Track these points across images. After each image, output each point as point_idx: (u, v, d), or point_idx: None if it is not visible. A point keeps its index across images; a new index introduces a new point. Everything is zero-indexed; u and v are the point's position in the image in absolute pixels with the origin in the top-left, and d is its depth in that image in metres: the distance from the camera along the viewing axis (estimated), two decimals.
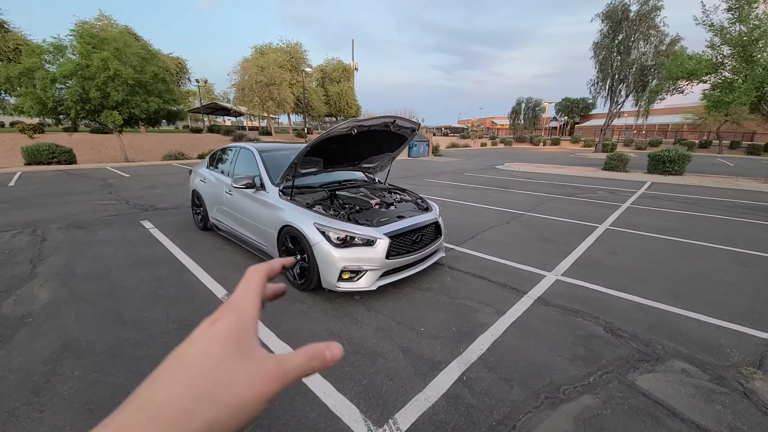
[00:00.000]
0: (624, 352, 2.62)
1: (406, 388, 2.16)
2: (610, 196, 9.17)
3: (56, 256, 4.31)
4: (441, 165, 17.97)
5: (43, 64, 14.38)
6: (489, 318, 3.00)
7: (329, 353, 0.30)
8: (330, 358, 0.30)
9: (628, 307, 3.29)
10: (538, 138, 49.54)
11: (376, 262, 3.11)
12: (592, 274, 3.98)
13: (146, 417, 0.22)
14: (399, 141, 4.15)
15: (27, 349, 2.46)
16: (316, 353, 0.30)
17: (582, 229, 5.81)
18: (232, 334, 0.28)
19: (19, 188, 9.26)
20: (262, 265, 0.36)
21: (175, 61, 32.92)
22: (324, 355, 0.30)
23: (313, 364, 0.29)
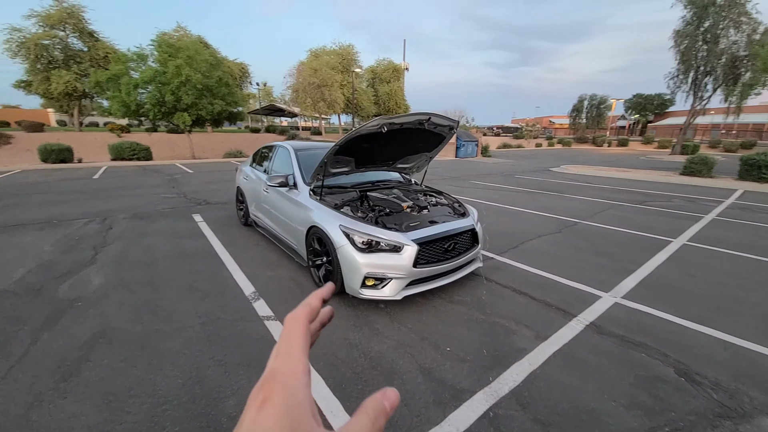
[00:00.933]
0: (700, 403, 2.11)
1: (421, 419, 1.91)
2: (689, 206, 7.92)
3: (116, 244, 4.71)
4: (489, 166, 17.10)
5: (128, 71, 16.25)
6: (527, 343, 2.62)
7: (389, 403, 0.29)
8: (390, 409, 0.29)
9: (709, 344, 2.69)
10: (601, 138, 45.26)
11: (402, 270, 2.89)
12: (662, 299, 3.36)
13: None
14: (436, 140, 3.87)
15: (69, 333, 2.64)
16: (378, 410, 0.28)
17: (651, 243, 5.02)
18: (287, 421, 0.24)
19: (101, 181, 10.50)
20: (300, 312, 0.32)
21: (239, 66, 35.50)
22: (386, 409, 0.28)
23: (379, 423, 0.27)
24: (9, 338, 2.57)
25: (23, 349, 2.45)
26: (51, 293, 3.28)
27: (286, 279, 3.69)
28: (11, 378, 2.16)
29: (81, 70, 22.90)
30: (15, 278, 3.59)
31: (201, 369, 2.29)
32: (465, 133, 24.05)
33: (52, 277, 3.63)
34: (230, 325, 2.81)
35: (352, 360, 2.40)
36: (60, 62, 22.49)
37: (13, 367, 2.26)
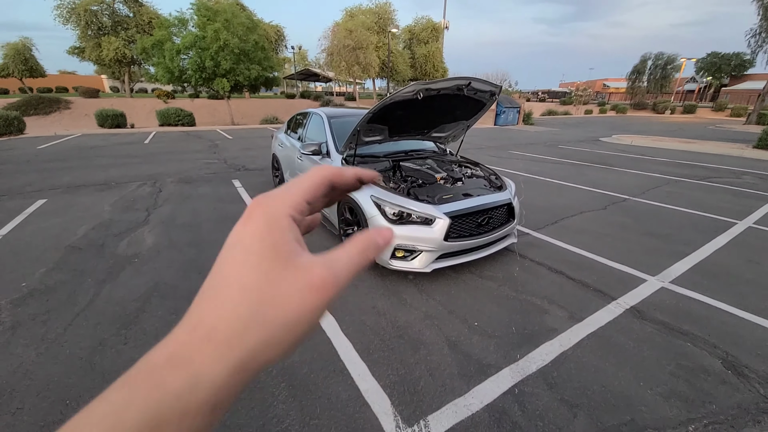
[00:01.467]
0: (745, 397, 1.97)
1: (445, 389, 1.96)
2: (760, 184, 7.03)
3: (165, 207, 5.06)
4: (531, 135, 16.06)
5: (171, 36, 16.62)
6: (560, 323, 2.54)
7: (382, 239, 0.27)
8: (384, 244, 0.27)
9: (766, 338, 2.46)
10: (663, 104, 40.57)
11: (433, 243, 2.85)
12: (717, 286, 3.08)
13: (200, 338, 0.21)
14: (476, 107, 3.64)
15: (128, 286, 2.93)
16: (368, 242, 0.26)
17: (711, 225, 4.56)
18: (268, 238, 0.24)
19: (151, 146, 11.17)
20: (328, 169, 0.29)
21: (275, 28, 35.03)
22: (377, 243, 0.27)
23: (367, 255, 0.26)
24: (75, 288, 2.90)
25: (88, 298, 2.76)
26: (112, 249, 3.63)
27: (318, 245, 3.79)
28: (77, 324, 2.45)
29: (128, 36, 23.75)
30: (79, 234, 4.00)
31: None
32: (506, 99, 22.56)
33: (112, 235, 3.99)
34: None
35: (380, 328, 2.47)
36: (108, 28, 23.41)
37: (79, 315, 2.56)
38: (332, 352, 2.21)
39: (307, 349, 2.23)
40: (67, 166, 7.75)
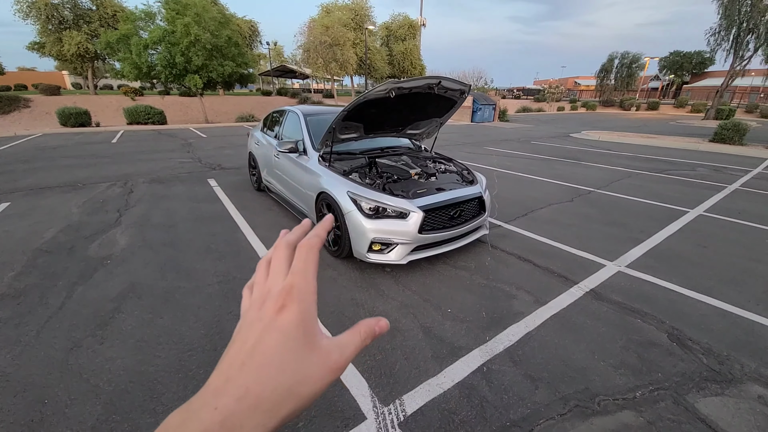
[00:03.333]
0: (689, 367, 2.20)
1: (419, 370, 2.09)
2: (713, 175, 7.60)
3: (138, 207, 4.95)
4: (506, 132, 16.54)
5: (137, 30, 15.93)
6: (526, 307, 2.73)
7: (379, 329, 0.34)
8: (379, 333, 0.34)
9: (708, 313, 2.74)
10: (629, 101, 42.57)
11: (408, 236, 2.98)
12: (668, 268, 3.37)
13: (248, 407, 0.26)
14: (447, 105, 3.79)
15: (101, 287, 2.89)
16: (369, 331, 0.33)
17: (666, 214, 4.93)
18: (301, 327, 0.29)
19: (119, 145, 10.75)
20: (315, 242, 0.35)
21: (248, 24, 34.18)
22: (374, 331, 0.33)
23: (366, 341, 0.33)
24: (47, 292, 2.83)
25: (60, 301, 2.72)
26: (82, 252, 3.54)
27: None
28: (51, 327, 2.41)
29: (91, 31, 22.57)
30: (47, 237, 3.87)
31: (221, 322, 2.51)
32: (482, 96, 23.02)
33: (82, 237, 3.89)
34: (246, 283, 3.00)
35: (358, 318, 2.57)
36: (70, 22, 22.15)
37: (52, 317, 2.52)
38: None
39: None
40: (29, 167, 7.37)
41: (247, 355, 0.28)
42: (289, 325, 0.29)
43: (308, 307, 0.31)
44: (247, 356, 0.28)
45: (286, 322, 0.29)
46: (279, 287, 0.32)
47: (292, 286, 0.31)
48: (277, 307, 0.30)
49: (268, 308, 0.30)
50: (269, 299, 0.31)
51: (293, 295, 0.31)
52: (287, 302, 0.30)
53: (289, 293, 0.31)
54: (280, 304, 0.30)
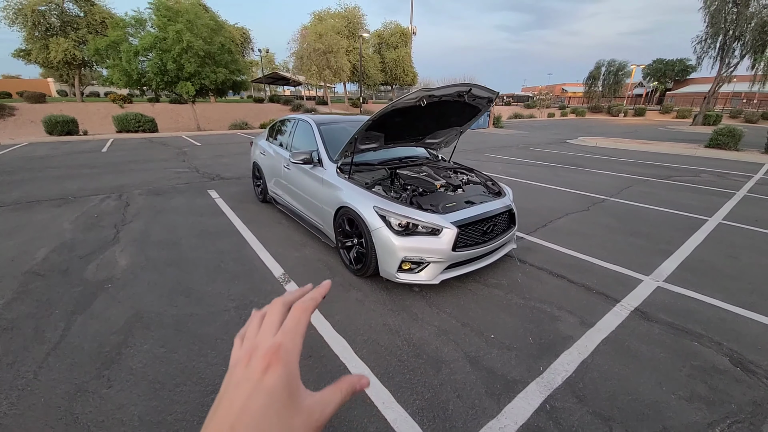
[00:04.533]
0: (758, 394, 2.04)
1: (476, 411, 1.86)
2: (718, 181, 7.61)
3: (136, 222, 4.63)
4: (503, 138, 16.57)
5: (127, 37, 15.54)
6: (573, 330, 2.54)
7: (360, 386, 0.35)
8: (360, 390, 0.35)
9: (761, 332, 2.58)
10: (617, 107, 43.49)
11: (441, 254, 2.77)
12: (707, 282, 3.23)
13: None
14: (471, 113, 3.62)
15: (103, 317, 2.60)
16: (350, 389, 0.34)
17: (686, 223, 4.83)
18: (287, 389, 0.30)
19: (110, 154, 10.34)
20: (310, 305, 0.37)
21: (240, 31, 33.97)
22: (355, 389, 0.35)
23: (346, 398, 0.34)
24: (42, 323, 2.53)
25: (58, 334, 2.41)
26: (79, 274, 3.23)
27: (313, 260, 3.60)
28: (49, 366, 2.12)
29: (78, 37, 22.03)
30: (39, 258, 3.54)
31: None
32: None
33: (77, 257, 3.57)
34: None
35: (395, 347, 2.34)
36: (57, 29, 21.60)
37: (50, 354, 2.22)
38: None
39: (322, 378, 2.06)
40: (15, 179, 6.96)
41: (235, 417, 0.28)
42: (275, 387, 0.30)
43: (292, 368, 0.32)
44: (235, 419, 0.28)
45: (271, 384, 0.30)
46: (267, 345, 0.33)
47: (279, 346, 0.32)
48: (263, 366, 0.31)
49: (254, 367, 0.31)
50: (255, 356, 0.32)
51: (279, 355, 0.32)
52: (273, 362, 0.31)
53: (275, 353, 0.32)
54: (266, 364, 0.31)
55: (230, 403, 0.29)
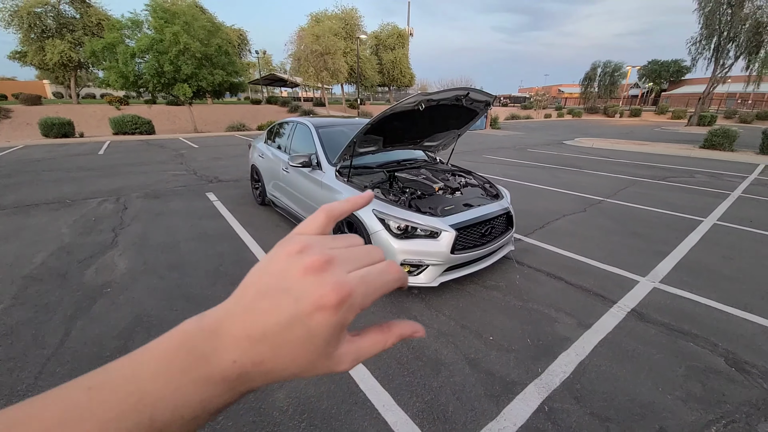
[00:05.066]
0: (753, 394, 2.07)
1: (476, 413, 1.88)
2: (712, 182, 7.69)
3: (134, 225, 4.63)
4: (501, 139, 16.64)
5: (124, 39, 15.50)
6: (571, 331, 2.56)
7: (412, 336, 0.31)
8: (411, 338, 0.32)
9: (756, 332, 2.62)
10: (613, 108, 43.78)
11: (440, 257, 2.79)
12: (702, 283, 3.27)
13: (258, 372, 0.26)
14: (468, 116, 3.65)
15: (103, 321, 2.60)
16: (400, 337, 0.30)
17: (681, 223, 4.88)
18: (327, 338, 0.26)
19: (107, 157, 10.30)
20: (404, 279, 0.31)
21: (237, 33, 33.93)
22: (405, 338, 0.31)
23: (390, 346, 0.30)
24: (41, 327, 2.53)
25: (58, 339, 2.41)
26: (77, 279, 3.23)
27: None
28: (50, 372, 2.12)
29: (75, 39, 21.94)
30: (37, 262, 3.53)
31: None
32: None
33: (76, 261, 3.57)
34: None
35: (394, 350, 2.36)
36: (53, 31, 21.51)
37: (50, 359, 2.22)
38: (350, 382, 2.07)
39: (323, 380, 2.07)
40: (11, 182, 6.92)
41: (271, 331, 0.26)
42: (317, 332, 0.26)
43: (345, 321, 0.27)
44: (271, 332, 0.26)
45: (315, 326, 0.26)
46: (335, 280, 0.27)
47: (348, 295, 0.27)
48: (317, 305, 0.26)
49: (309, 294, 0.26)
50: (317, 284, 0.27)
51: (341, 304, 0.26)
52: (330, 307, 0.26)
53: (338, 300, 0.26)
54: (321, 304, 0.26)
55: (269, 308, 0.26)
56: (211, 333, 0.26)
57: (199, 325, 0.27)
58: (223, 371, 0.25)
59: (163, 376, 0.24)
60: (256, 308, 0.26)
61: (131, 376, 0.24)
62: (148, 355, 0.25)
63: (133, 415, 0.23)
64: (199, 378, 0.25)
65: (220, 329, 0.26)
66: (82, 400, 0.23)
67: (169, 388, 0.24)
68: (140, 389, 0.24)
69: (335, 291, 0.26)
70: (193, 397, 0.25)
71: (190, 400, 0.25)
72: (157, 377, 0.24)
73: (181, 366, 0.25)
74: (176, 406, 0.24)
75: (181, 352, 0.25)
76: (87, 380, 0.24)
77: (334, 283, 0.26)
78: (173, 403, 0.24)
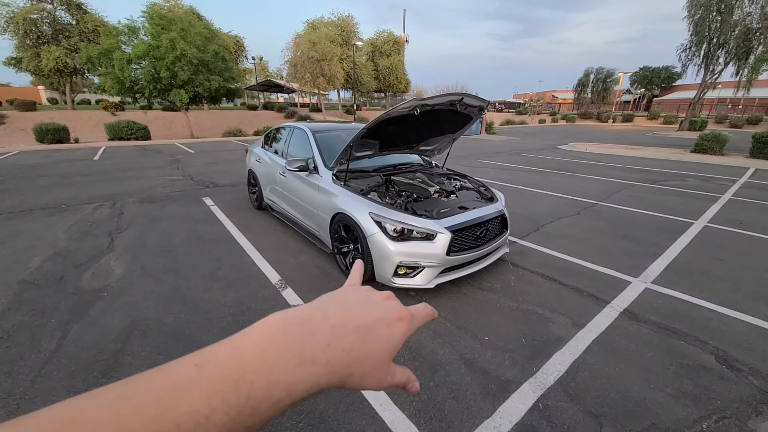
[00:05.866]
0: (743, 391, 2.11)
1: (472, 411, 1.91)
2: (704, 185, 7.82)
3: (131, 230, 4.63)
4: (495, 144, 16.81)
5: (120, 45, 15.53)
6: (565, 331, 2.60)
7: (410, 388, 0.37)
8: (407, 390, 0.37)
9: (744, 331, 2.67)
10: (606, 114, 44.39)
11: (436, 259, 2.83)
12: (693, 283, 3.33)
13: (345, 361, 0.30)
14: (463, 121, 3.71)
15: (100, 325, 2.60)
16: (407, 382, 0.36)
17: (673, 226, 4.96)
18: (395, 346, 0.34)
19: (102, 162, 10.28)
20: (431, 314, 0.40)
21: (234, 39, 34.09)
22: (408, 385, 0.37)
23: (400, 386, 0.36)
24: (38, 331, 2.53)
25: (55, 343, 2.42)
26: (74, 283, 3.22)
27: (310, 266, 3.63)
28: (47, 375, 2.12)
29: (70, 45, 21.94)
30: (33, 267, 3.53)
31: None
32: None
33: (72, 266, 3.56)
34: (263, 315, 2.66)
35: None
36: (49, 37, 21.51)
37: (47, 363, 2.22)
38: None
39: None
40: (6, 188, 6.89)
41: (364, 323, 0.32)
42: (396, 336, 0.34)
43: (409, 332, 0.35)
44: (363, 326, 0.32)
45: (395, 331, 0.34)
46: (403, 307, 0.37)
47: (413, 315, 0.37)
48: (398, 316, 0.35)
49: (393, 309, 0.35)
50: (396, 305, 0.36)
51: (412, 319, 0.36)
52: (405, 319, 0.35)
53: (409, 315, 0.36)
54: (400, 316, 0.35)
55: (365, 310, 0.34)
56: (304, 320, 0.31)
57: (290, 313, 0.31)
58: (315, 353, 0.28)
59: (260, 356, 0.27)
60: (351, 308, 0.34)
61: (233, 356, 0.27)
62: (248, 339, 0.29)
63: (234, 390, 0.25)
64: (292, 359, 0.28)
65: (312, 318, 0.31)
66: (191, 373, 0.26)
67: (265, 367, 0.27)
68: (241, 367, 0.26)
69: (408, 310, 0.37)
70: (284, 377, 0.27)
71: (280, 380, 0.27)
72: (255, 357, 0.27)
73: (276, 347, 0.28)
74: (268, 386, 0.26)
75: (277, 336, 0.29)
76: (194, 358, 0.27)
77: (406, 307, 0.37)
78: (266, 382, 0.26)
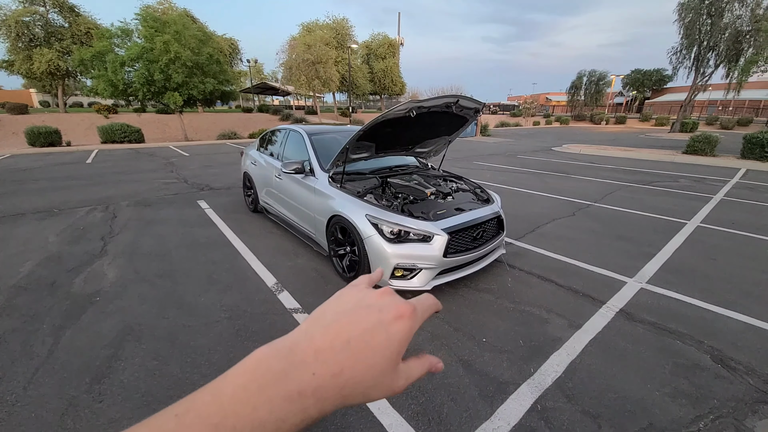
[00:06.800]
0: (739, 389, 2.13)
1: (470, 414, 1.90)
2: (696, 186, 7.92)
3: (124, 234, 4.57)
4: (490, 146, 16.90)
5: (113, 47, 15.42)
6: (562, 332, 2.61)
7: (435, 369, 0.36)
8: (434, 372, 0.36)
9: (739, 330, 2.70)
10: (599, 116, 44.86)
11: (433, 261, 2.82)
12: (687, 283, 3.36)
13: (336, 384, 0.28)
14: (459, 123, 3.73)
15: (92, 331, 2.56)
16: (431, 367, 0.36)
17: (666, 226, 5.01)
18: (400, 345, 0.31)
19: (95, 165, 10.17)
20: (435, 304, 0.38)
21: (228, 42, 34.00)
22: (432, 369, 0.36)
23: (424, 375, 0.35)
24: (29, 337, 2.48)
25: (47, 349, 2.37)
26: (66, 288, 3.17)
27: (306, 269, 3.61)
28: (38, 381, 2.08)
29: (63, 48, 21.76)
30: (24, 272, 3.47)
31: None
32: None
33: (64, 271, 3.51)
34: (259, 318, 2.75)
35: None
36: (41, 39, 21.32)
37: (39, 369, 2.18)
38: None
39: None
40: None
41: (355, 338, 0.30)
42: (396, 337, 0.31)
43: (411, 333, 0.33)
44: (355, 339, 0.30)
45: (395, 332, 0.31)
46: (403, 301, 0.34)
47: (415, 309, 0.34)
48: (396, 314, 0.32)
49: (390, 307, 0.33)
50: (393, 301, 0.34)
51: (414, 314, 0.34)
52: (406, 316, 0.33)
53: (410, 311, 0.33)
54: (399, 314, 0.32)
55: (355, 320, 0.31)
56: (288, 351, 0.29)
57: (274, 347, 0.29)
58: (300, 385, 0.27)
59: (241, 397, 0.26)
60: (339, 322, 0.31)
61: (212, 401, 0.26)
62: (227, 380, 0.27)
63: None
64: (276, 395, 0.26)
65: (296, 347, 0.29)
66: (170, 426, 0.25)
67: (248, 408, 0.26)
68: (221, 411, 0.25)
69: (408, 305, 0.34)
70: (270, 416, 0.26)
71: (265, 420, 0.26)
72: (236, 398, 0.26)
73: (258, 385, 0.27)
74: (253, 427, 0.25)
75: (258, 372, 0.27)
76: (174, 409, 0.26)
77: (405, 301, 0.34)
78: (250, 423, 0.25)
